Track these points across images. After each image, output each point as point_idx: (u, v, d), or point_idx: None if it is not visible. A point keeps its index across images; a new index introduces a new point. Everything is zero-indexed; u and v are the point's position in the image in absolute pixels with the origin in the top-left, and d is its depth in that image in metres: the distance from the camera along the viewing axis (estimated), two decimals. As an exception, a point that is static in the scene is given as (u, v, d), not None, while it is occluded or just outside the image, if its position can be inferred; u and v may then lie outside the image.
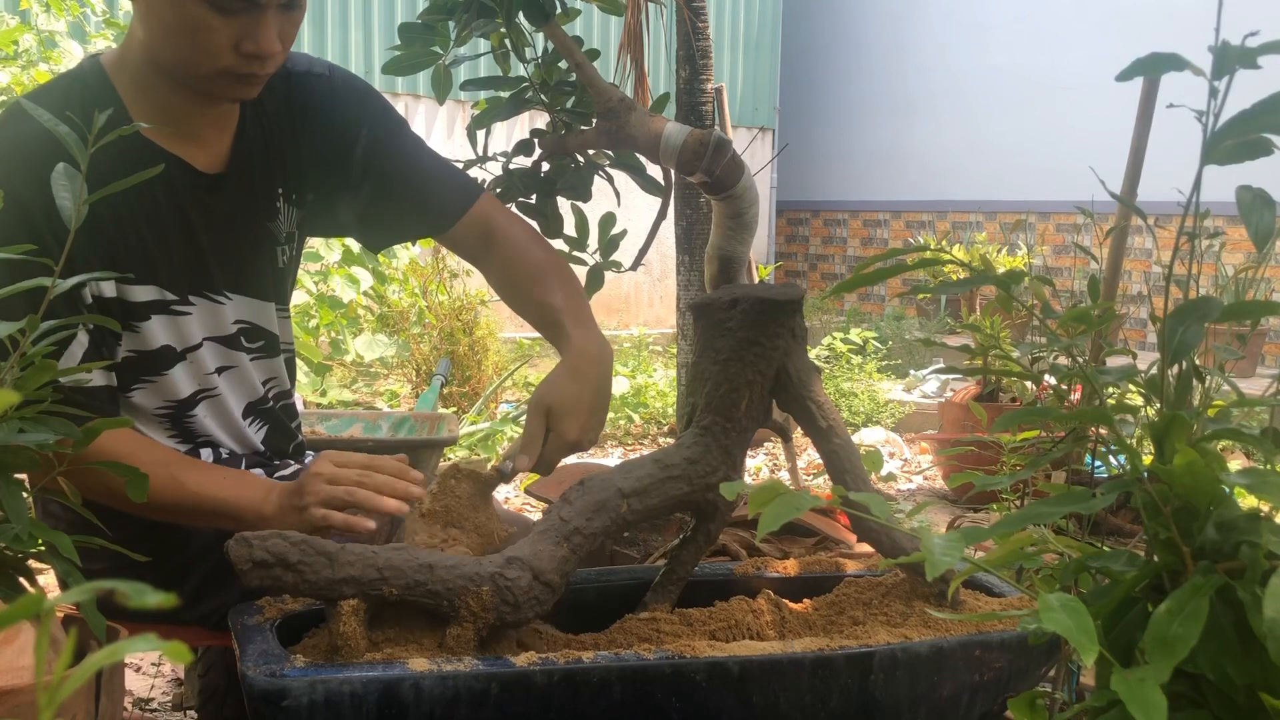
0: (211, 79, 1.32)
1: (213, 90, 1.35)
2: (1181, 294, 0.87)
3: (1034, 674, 1.26)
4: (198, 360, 1.48)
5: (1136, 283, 8.01)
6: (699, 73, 2.34)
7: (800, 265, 10.77)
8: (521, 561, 1.16)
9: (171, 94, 1.37)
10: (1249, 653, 0.72)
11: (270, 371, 1.59)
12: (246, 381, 1.55)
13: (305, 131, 1.50)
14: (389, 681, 1.02)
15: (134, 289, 1.40)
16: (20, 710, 1.03)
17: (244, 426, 1.56)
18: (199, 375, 1.48)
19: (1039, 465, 0.96)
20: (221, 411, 1.52)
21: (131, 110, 1.37)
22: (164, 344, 1.44)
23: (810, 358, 1.34)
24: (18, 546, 0.99)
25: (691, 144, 1.87)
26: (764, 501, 0.81)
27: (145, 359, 1.43)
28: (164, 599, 0.44)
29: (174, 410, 1.48)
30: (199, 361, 1.48)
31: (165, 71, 1.35)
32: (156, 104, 1.38)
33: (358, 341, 4.47)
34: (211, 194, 1.44)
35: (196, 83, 1.33)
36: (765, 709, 1.11)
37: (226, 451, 1.53)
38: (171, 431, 1.49)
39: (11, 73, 3.48)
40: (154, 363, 1.44)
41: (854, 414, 5.26)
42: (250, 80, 1.34)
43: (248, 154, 1.46)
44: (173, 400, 1.47)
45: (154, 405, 1.46)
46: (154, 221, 1.40)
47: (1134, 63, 0.79)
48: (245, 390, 1.55)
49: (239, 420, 1.55)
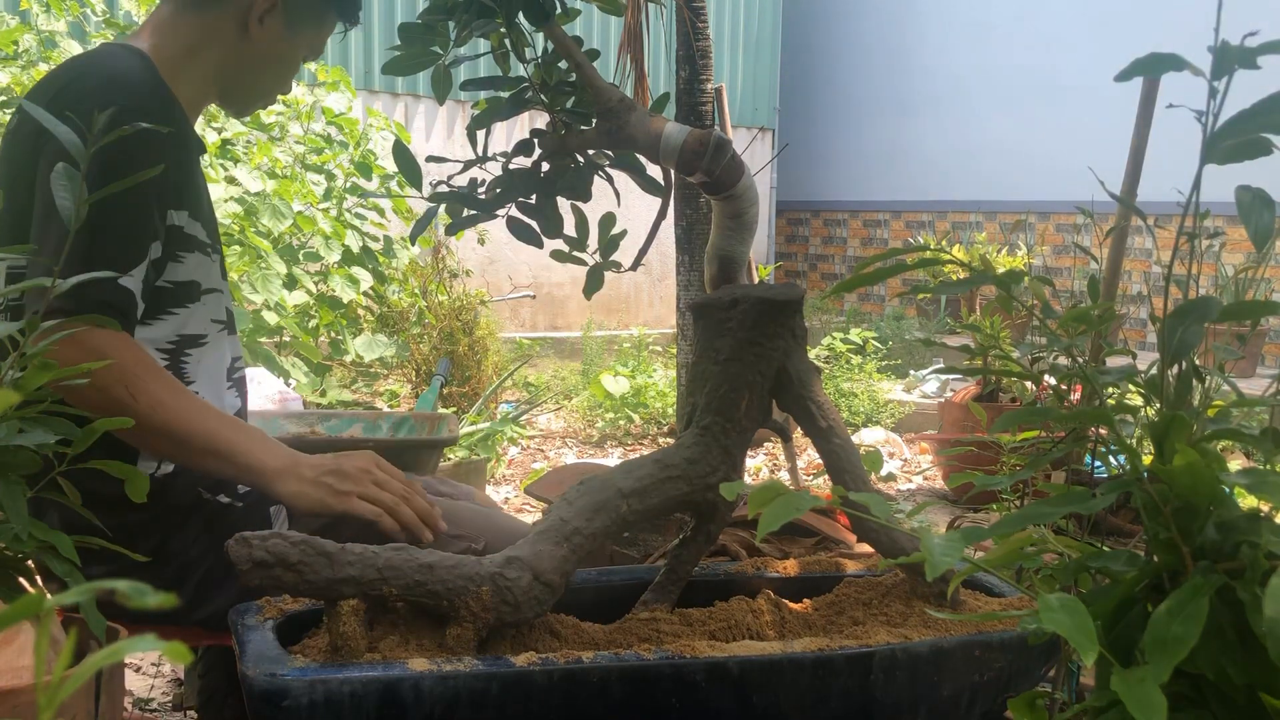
0: (265, 103, 1.68)
1: (251, 109, 1.68)
2: (1181, 294, 0.87)
3: (1034, 674, 1.26)
4: (209, 304, 1.56)
5: (1136, 283, 8.01)
6: (699, 73, 2.34)
7: (800, 265, 10.77)
8: (521, 561, 1.16)
9: (197, 92, 1.59)
10: (1249, 653, 0.72)
11: (235, 348, 1.66)
12: (230, 346, 1.63)
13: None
14: (389, 681, 1.02)
15: (192, 222, 1.52)
16: (20, 710, 1.03)
17: (225, 388, 1.60)
18: (205, 321, 1.56)
19: (1039, 465, 0.96)
20: (210, 365, 1.57)
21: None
22: (194, 279, 1.52)
23: (810, 358, 1.34)
24: (18, 547, 0.99)
25: (691, 144, 1.87)
26: (764, 501, 0.81)
27: (178, 290, 1.51)
28: (164, 599, 0.44)
29: (176, 346, 1.52)
30: (210, 306, 1.56)
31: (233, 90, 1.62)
32: (181, 93, 1.55)
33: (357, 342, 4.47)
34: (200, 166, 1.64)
35: (257, 102, 1.66)
36: (765, 709, 1.11)
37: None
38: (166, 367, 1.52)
39: (11, 73, 3.48)
40: (182, 295, 1.51)
41: (854, 414, 5.27)
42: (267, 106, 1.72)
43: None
44: (180, 335, 1.52)
45: (165, 337, 1.51)
46: (197, 174, 1.59)
47: (1133, 63, 0.79)
48: (229, 352, 1.62)
49: (223, 379, 1.59)
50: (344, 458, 1.43)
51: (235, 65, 1.59)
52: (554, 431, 5.25)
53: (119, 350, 1.33)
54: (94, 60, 1.50)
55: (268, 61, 1.61)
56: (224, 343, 1.60)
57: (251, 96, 1.65)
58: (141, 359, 1.37)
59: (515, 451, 4.74)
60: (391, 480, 1.43)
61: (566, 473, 2.12)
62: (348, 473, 1.41)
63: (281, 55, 1.61)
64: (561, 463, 4.55)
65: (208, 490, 1.47)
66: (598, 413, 5.21)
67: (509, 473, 4.40)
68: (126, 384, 1.33)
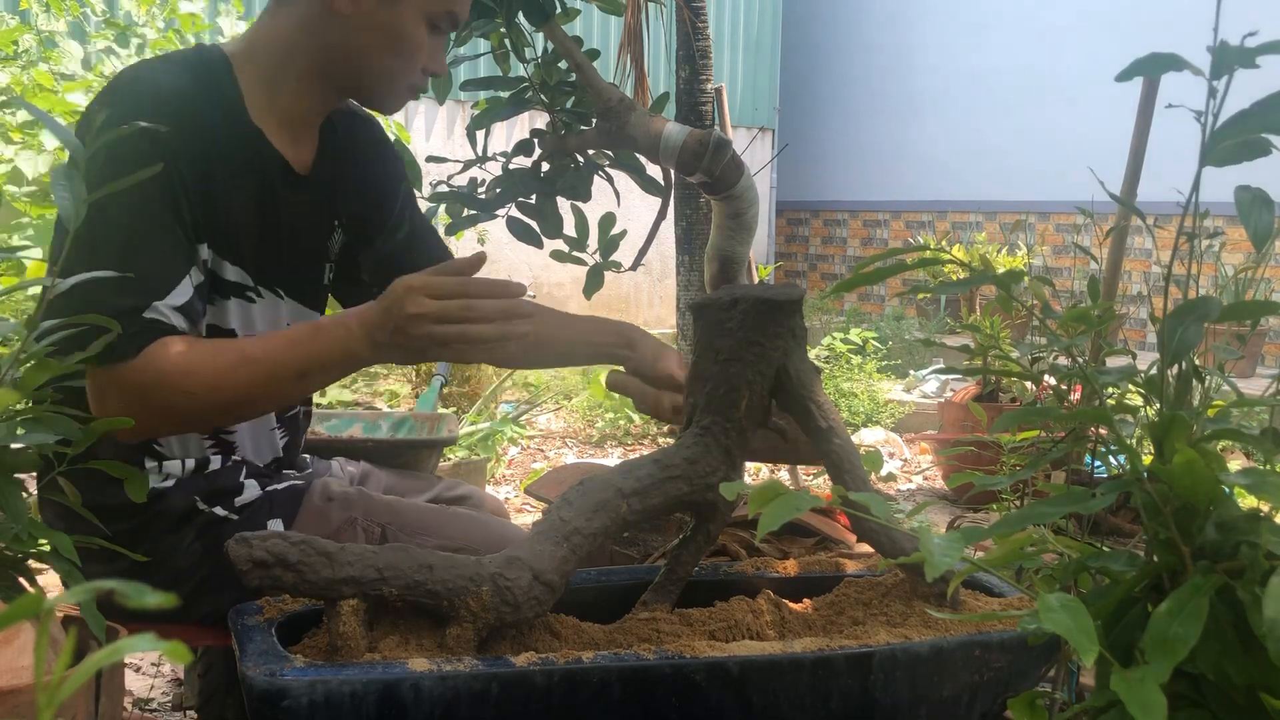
0: (399, 90, 1.45)
1: (389, 100, 1.47)
2: (1181, 294, 0.87)
3: (1034, 674, 1.26)
4: None
5: (1136, 283, 8.01)
6: (699, 73, 2.34)
7: (800, 265, 10.78)
8: (521, 561, 1.16)
9: (301, 97, 1.44)
10: (1249, 653, 0.72)
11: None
12: None
13: (361, 165, 1.58)
14: (389, 682, 1.02)
15: (225, 265, 1.41)
16: (20, 710, 1.03)
17: (271, 431, 1.55)
18: None
19: (1039, 465, 0.96)
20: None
21: (247, 101, 1.41)
22: (232, 326, 1.43)
23: (810, 358, 1.33)
24: (18, 547, 0.99)
25: (691, 144, 1.87)
26: (764, 501, 0.81)
27: (215, 335, 1.42)
28: (163, 599, 0.44)
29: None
30: None
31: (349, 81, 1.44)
32: (276, 102, 1.43)
33: (358, 341, 4.45)
34: (295, 193, 1.47)
35: (387, 89, 1.45)
36: (765, 709, 1.11)
37: (240, 457, 1.50)
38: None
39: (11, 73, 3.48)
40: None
41: (854, 414, 5.26)
42: (416, 95, 1.49)
43: (323, 168, 1.52)
44: None
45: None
46: (249, 206, 1.42)
47: (1133, 63, 0.79)
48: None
49: (270, 423, 1.54)
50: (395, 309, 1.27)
51: (340, 52, 1.41)
52: (554, 431, 5.25)
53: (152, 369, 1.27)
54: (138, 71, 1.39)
55: (373, 38, 1.40)
56: None
57: (374, 84, 1.44)
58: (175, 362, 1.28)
59: (515, 451, 4.74)
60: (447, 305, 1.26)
61: (566, 473, 2.12)
62: (402, 326, 1.27)
63: (390, 27, 1.39)
64: (561, 463, 4.55)
65: (204, 502, 1.45)
66: (598, 413, 5.21)
67: (509, 473, 4.40)
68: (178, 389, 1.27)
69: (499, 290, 1.28)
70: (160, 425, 1.33)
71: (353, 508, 1.54)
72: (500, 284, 1.28)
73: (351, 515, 1.52)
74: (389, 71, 1.43)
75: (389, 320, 1.27)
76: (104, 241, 1.26)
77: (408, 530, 1.52)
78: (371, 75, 1.43)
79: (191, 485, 1.44)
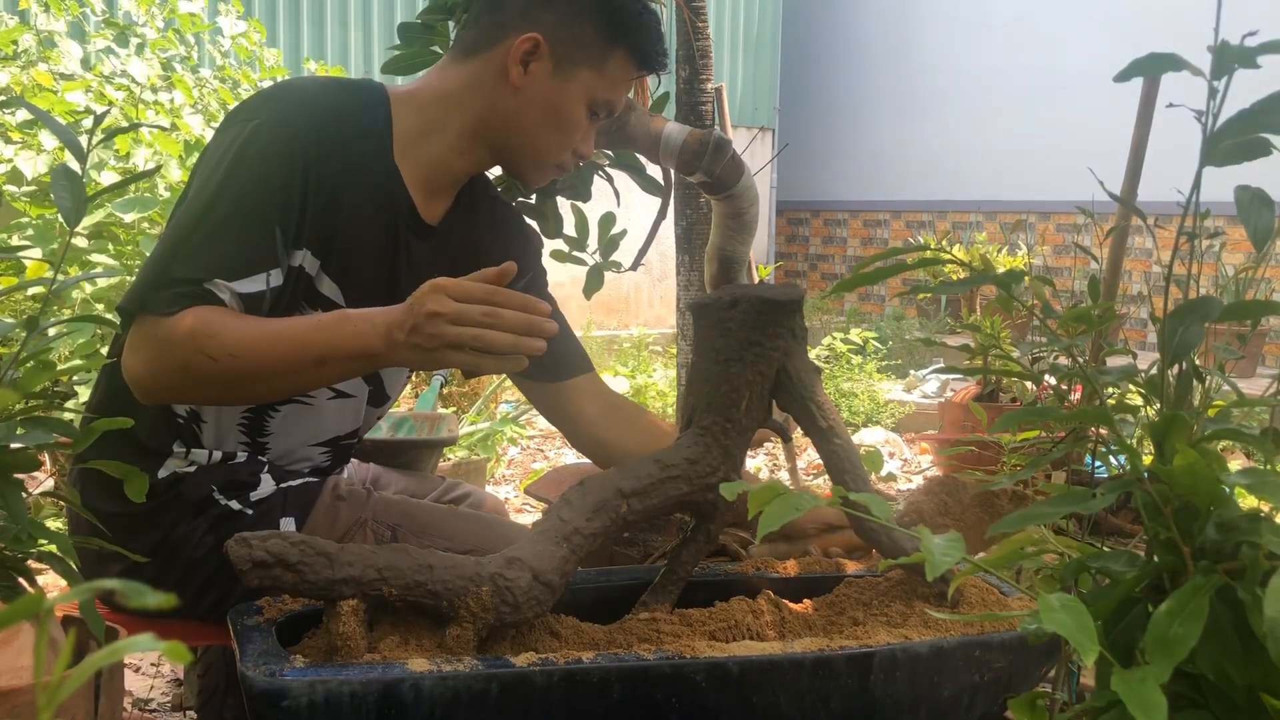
0: (548, 166, 1.50)
1: (536, 173, 1.52)
2: (1181, 294, 0.87)
3: (1034, 674, 1.26)
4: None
5: (1136, 283, 8.01)
6: (699, 73, 2.34)
7: (800, 265, 10.78)
8: (521, 561, 1.16)
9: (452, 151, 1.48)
10: (1249, 653, 0.72)
11: (368, 421, 1.61)
12: (346, 416, 1.56)
13: (490, 240, 1.59)
14: (388, 682, 1.02)
15: (325, 279, 1.42)
16: (20, 710, 1.03)
17: (314, 448, 1.55)
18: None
19: (1039, 465, 0.96)
20: (305, 425, 1.51)
21: (395, 140, 1.44)
22: None
23: (810, 358, 1.33)
24: (17, 547, 1.00)
25: (691, 144, 1.87)
26: (764, 501, 0.81)
27: None
28: (163, 599, 0.44)
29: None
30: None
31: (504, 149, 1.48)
32: (424, 150, 1.46)
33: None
34: (418, 238, 1.49)
35: (538, 165, 1.50)
36: (765, 710, 1.11)
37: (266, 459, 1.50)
38: (245, 414, 1.47)
39: (11, 73, 3.47)
40: None
41: (854, 414, 5.26)
42: (561, 174, 1.54)
43: (451, 227, 1.55)
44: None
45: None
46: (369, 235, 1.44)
47: (1133, 63, 0.79)
48: (339, 423, 1.56)
49: (316, 441, 1.55)
50: (417, 305, 1.26)
51: (502, 119, 1.45)
52: (554, 431, 5.25)
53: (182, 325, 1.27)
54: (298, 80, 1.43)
55: (537, 112, 1.44)
56: (338, 410, 1.53)
57: (527, 155, 1.49)
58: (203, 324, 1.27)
59: (515, 451, 4.74)
60: (467, 308, 1.24)
61: (566, 473, 2.11)
62: (418, 324, 1.25)
63: (555, 105, 1.44)
64: (561, 463, 4.55)
65: (220, 493, 1.46)
66: (598, 413, 5.20)
67: (509, 473, 4.40)
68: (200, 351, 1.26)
69: (524, 305, 1.26)
70: (178, 385, 1.30)
71: (363, 508, 1.54)
72: (528, 300, 1.27)
73: (361, 516, 1.53)
74: (545, 146, 1.47)
75: (409, 317, 1.25)
76: (206, 211, 1.30)
77: (418, 531, 1.53)
78: (527, 147, 1.47)
79: (211, 474, 1.46)
